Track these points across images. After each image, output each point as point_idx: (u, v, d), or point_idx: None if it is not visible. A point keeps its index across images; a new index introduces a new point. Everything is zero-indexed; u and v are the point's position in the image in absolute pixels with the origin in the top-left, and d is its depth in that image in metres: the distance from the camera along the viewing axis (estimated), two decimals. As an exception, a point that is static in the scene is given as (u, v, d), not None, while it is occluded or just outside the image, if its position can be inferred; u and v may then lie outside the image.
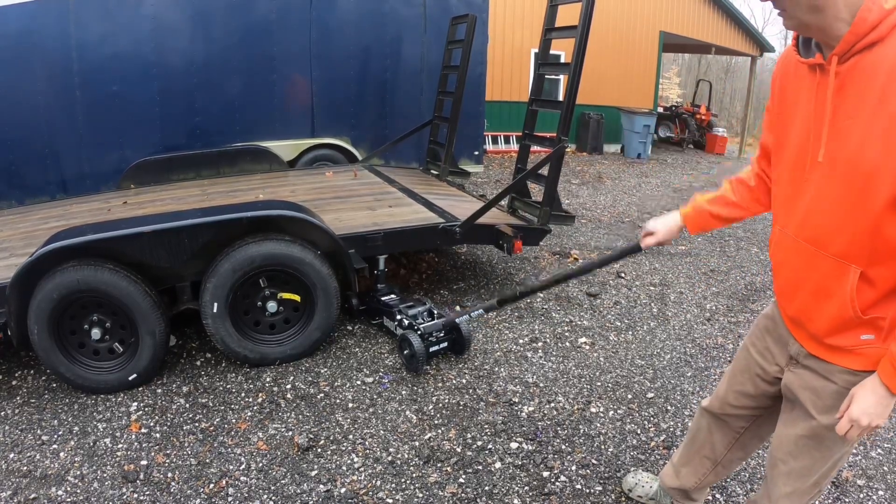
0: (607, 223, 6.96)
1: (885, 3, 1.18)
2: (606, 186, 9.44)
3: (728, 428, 1.91)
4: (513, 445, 2.66)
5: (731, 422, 1.89)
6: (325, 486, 2.37)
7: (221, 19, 5.52)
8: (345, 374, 3.22)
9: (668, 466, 2.17)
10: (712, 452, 1.97)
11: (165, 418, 2.80)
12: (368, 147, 6.39)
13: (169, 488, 2.35)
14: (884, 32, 1.19)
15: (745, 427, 1.87)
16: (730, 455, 1.96)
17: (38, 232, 3.68)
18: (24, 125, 5.04)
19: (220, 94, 5.64)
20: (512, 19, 11.83)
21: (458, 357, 3.41)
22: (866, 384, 1.35)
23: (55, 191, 5.22)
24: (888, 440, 2.83)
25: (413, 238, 3.83)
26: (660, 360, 3.51)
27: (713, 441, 1.96)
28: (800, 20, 1.27)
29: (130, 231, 2.93)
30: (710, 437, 1.96)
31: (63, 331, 2.89)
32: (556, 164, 4.04)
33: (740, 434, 1.90)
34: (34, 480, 2.39)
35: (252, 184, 4.89)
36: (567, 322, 3.98)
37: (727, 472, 2.03)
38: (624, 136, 13.63)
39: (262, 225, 3.16)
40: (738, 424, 1.88)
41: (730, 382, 1.84)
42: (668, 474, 2.15)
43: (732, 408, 1.85)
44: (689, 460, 2.06)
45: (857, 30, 1.20)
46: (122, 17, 5.14)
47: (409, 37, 6.43)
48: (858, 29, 1.20)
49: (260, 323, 3.27)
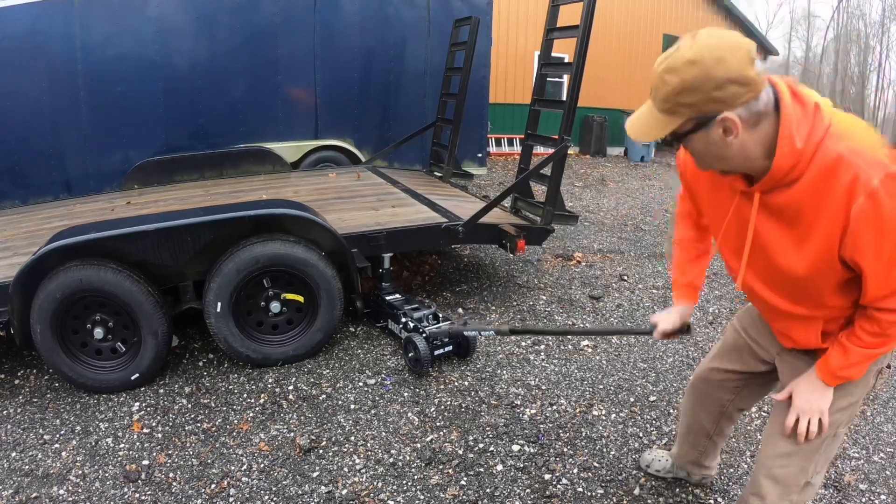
0: (610, 226, 6.95)
1: (797, 142, 1.26)
2: (610, 189, 9.43)
3: (713, 403, 2.08)
4: (514, 448, 2.66)
5: (717, 395, 2.05)
6: (327, 488, 2.37)
7: (226, 21, 5.53)
8: (347, 375, 3.22)
9: (676, 445, 2.40)
10: (703, 428, 2.16)
11: (167, 418, 2.80)
12: (372, 149, 6.40)
13: (170, 488, 2.35)
14: (801, 170, 1.29)
15: (731, 400, 2.03)
16: (719, 426, 2.14)
17: (41, 232, 3.69)
18: (29, 125, 5.06)
19: (224, 96, 5.65)
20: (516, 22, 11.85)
21: (460, 360, 3.40)
22: (803, 380, 1.57)
23: (58, 191, 5.24)
24: (891, 444, 2.81)
25: (416, 237, 3.83)
26: (662, 364, 3.50)
27: (701, 417, 2.13)
28: (711, 166, 1.38)
29: (133, 229, 2.94)
30: (697, 414, 2.14)
31: (66, 330, 2.90)
32: (559, 164, 4.04)
33: (726, 407, 2.06)
34: (36, 479, 2.39)
35: (255, 185, 4.90)
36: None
37: (724, 438, 2.22)
38: (627, 139, 13.63)
39: (266, 224, 3.16)
40: (724, 398, 2.04)
41: (719, 360, 1.99)
42: (675, 450, 2.39)
43: (718, 383, 2.01)
44: (684, 439, 2.27)
45: (776, 175, 1.31)
46: (127, 18, 5.16)
47: (412, 39, 6.44)
48: (776, 174, 1.30)
49: (263, 323, 3.27)
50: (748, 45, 1.22)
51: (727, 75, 1.19)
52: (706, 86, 1.20)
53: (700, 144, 1.31)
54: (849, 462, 2.66)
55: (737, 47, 1.20)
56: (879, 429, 2.95)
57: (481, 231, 3.99)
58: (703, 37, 1.21)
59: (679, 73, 1.21)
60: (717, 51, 1.19)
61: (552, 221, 4.22)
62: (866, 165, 1.23)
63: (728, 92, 1.21)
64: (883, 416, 3.07)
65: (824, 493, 2.44)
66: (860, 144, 1.26)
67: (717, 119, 1.24)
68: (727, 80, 1.19)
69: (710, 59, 1.18)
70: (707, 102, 1.22)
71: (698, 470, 2.33)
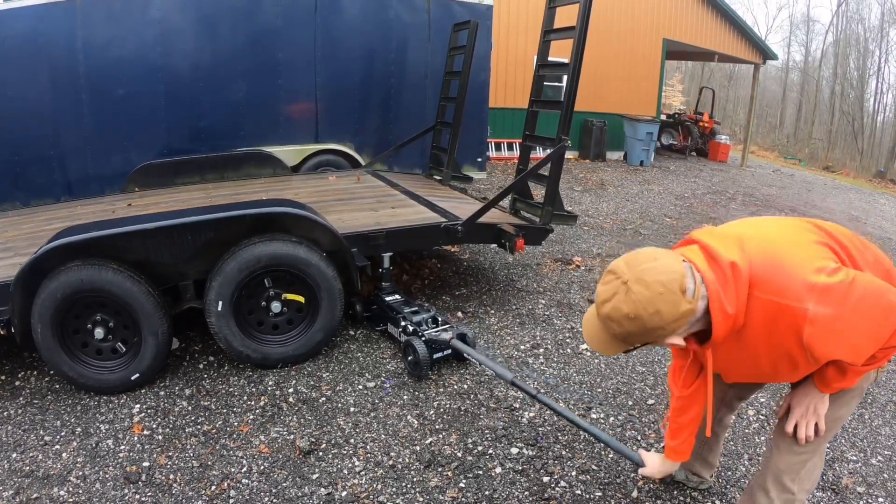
0: (609, 230, 6.97)
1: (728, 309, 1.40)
2: (609, 193, 9.45)
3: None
4: (513, 451, 2.67)
5: (714, 386, 2.10)
6: (327, 490, 2.38)
7: (227, 25, 5.55)
8: (347, 378, 3.23)
9: None
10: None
11: (168, 420, 2.81)
12: (372, 153, 6.41)
13: (171, 490, 2.36)
14: (741, 323, 1.44)
15: (726, 389, 2.10)
16: (719, 416, 2.18)
17: (43, 233, 3.69)
18: (30, 127, 5.06)
19: (226, 99, 5.66)
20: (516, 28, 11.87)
21: (459, 363, 3.41)
22: (800, 389, 1.68)
23: (60, 193, 5.24)
24: (889, 447, 2.82)
25: (415, 237, 3.84)
26: (660, 367, 3.51)
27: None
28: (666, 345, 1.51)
29: (135, 227, 2.95)
30: None
31: (66, 330, 2.91)
32: (558, 164, 4.06)
33: (725, 394, 2.12)
34: (36, 480, 2.40)
35: (255, 188, 4.92)
36: (569, 328, 3.99)
37: (724, 429, 2.27)
38: (627, 144, 13.65)
39: (267, 224, 3.17)
40: (721, 387, 2.07)
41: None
42: None
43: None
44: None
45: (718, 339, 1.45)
46: (129, 20, 5.17)
47: (413, 43, 6.45)
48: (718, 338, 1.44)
49: (263, 323, 3.28)
50: (678, 277, 1.35)
51: (664, 322, 1.35)
52: (648, 332, 1.38)
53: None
54: (847, 465, 2.67)
55: (667, 291, 1.33)
56: (877, 432, 2.96)
57: (480, 231, 4.01)
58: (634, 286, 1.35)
59: (621, 325, 1.39)
60: (651, 305, 1.33)
61: (551, 221, 4.23)
62: (795, 299, 1.36)
63: (668, 329, 1.38)
64: (881, 419, 3.09)
65: (822, 495, 2.45)
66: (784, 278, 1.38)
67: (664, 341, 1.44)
68: (665, 324, 1.36)
69: (647, 315, 1.34)
70: (652, 337, 1.42)
71: (698, 466, 2.33)
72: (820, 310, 1.35)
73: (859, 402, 1.77)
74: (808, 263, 1.39)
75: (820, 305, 1.35)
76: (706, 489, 2.42)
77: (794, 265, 1.39)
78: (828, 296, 1.35)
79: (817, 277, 1.36)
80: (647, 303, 1.33)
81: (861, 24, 33.47)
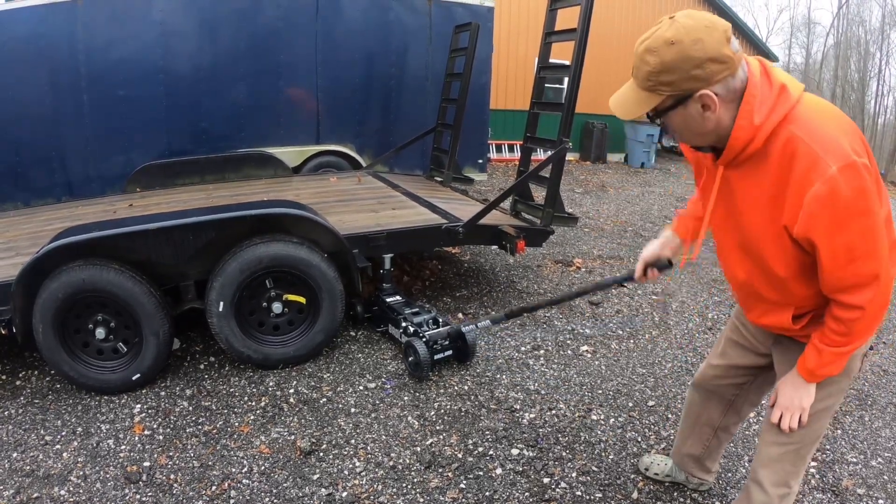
0: (610, 232, 6.97)
1: (755, 118, 1.32)
2: (610, 195, 9.46)
3: (719, 397, 2.11)
4: (514, 452, 2.67)
5: (723, 391, 2.09)
6: (327, 490, 2.38)
7: (228, 26, 5.57)
8: (347, 379, 3.23)
9: (675, 444, 2.38)
10: (710, 419, 2.16)
11: (168, 420, 2.82)
12: (373, 154, 6.42)
13: (171, 490, 2.36)
14: (757, 146, 1.34)
15: (736, 394, 2.08)
16: (726, 420, 2.15)
17: (44, 233, 3.70)
18: (32, 127, 5.09)
19: (227, 100, 5.68)
20: (517, 30, 11.90)
21: (460, 364, 3.41)
22: (787, 379, 1.64)
23: (61, 193, 5.26)
24: (889, 449, 2.82)
25: (416, 238, 3.85)
26: (661, 369, 3.51)
27: (709, 410, 2.15)
28: (688, 141, 1.46)
29: (136, 228, 2.96)
30: (705, 407, 2.15)
31: (68, 330, 2.92)
32: (558, 165, 4.06)
33: (733, 400, 2.10)
34: (37, 480, 2.40)
35: (256, 189, 4.93)
36: (569, 330, 3.99)
37: (729, 437, 2.23)
38: (628, 146, 13.66)
39: (268, 224, 3.18)
40: (729, 392, 2.08)
41: (721, 356, 2.04)
42: (676, 447, 2.37)
43: (723, 378, 2.05)
44: (690, 432, 2.25)
45: (733, 147, 1.37)
46: (130, 22, 5.19)
47: (414, 46, 6.47)
48: (733, 147, 1.37)
49: (264, 324, 3.28)
50: (724, 25, 1.29)
51: (705, 55, 1.26)
52: (685, 65, 1.27)
53: (678, 120, 1.38)
54: (847, 467, 2.67)
55: (713, 28, 1.27)
56: (877, 434, 2.96)
57: (481, 232, 4.01)
58: (682, 18, 1.28)
59: (658, 54, 1.29)
60: (694, 32, 1.26)
61: (552, 223, 4.24)
62: (825, 153, 1.28)
63: (706, 70, 1.27)
64: (881, 420, 3.09)
65: (822, 497, 2.45)
66: (824, 132, 1.30)
67: (695, 96, 1.31)
68: (705, 59, 1.26)
69: (688, 41, 1.25)
70: (686, 81, 1.29)
71: (698, 471, 2.33)
72: (841, 180, 1.26)
73: (847, 386, 1.74)
74: (851, 143, 1.31)
75: (842, 176, 1.26)
76: (706, 490, 2.42)
77: (840, 135, 1.31)
78: (854, 178, 1.27)
79: (857, 157, 1.28)
80: (692, 30, 1.25)
81: (862, 26, 33.46)
